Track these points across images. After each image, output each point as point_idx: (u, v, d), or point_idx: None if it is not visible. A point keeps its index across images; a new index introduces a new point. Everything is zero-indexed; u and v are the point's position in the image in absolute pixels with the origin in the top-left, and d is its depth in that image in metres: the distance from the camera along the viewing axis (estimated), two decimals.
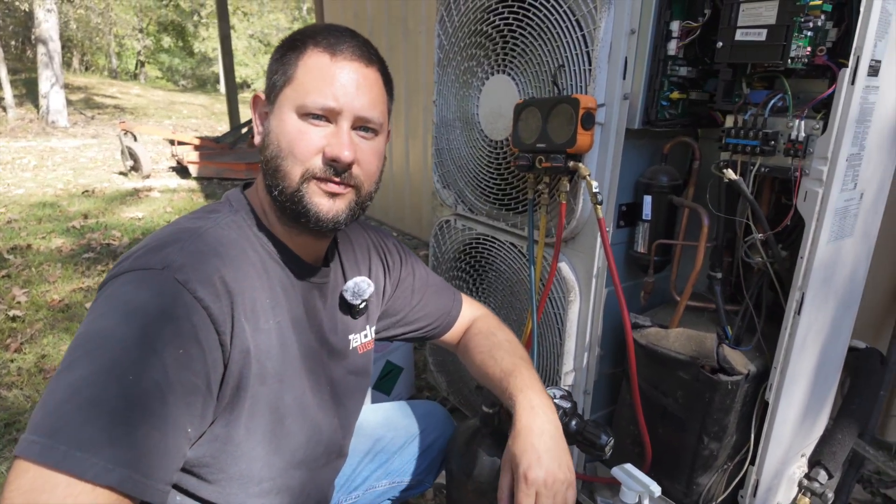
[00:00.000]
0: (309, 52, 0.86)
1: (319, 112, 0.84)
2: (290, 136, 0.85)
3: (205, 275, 0.77)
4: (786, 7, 0.99)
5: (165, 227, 0.86)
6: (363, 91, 0.87)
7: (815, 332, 1.19)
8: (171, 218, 4.93)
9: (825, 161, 1.04)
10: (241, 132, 7.93)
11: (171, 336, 0.72)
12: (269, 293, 0.88)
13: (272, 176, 0.87)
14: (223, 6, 8.69)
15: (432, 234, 1.85)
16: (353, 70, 0.86)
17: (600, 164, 1.32)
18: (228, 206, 0.93)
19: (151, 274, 0.75)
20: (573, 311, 1.42)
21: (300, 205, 0.86)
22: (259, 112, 0.93)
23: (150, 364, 0.70)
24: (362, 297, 1.04)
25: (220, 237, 0.84)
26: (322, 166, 0.86)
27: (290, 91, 0.86)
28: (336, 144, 0.85)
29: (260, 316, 0.85)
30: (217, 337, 0.77)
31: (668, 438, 1.30)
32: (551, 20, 1.32)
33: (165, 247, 0.79)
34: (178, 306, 0.74)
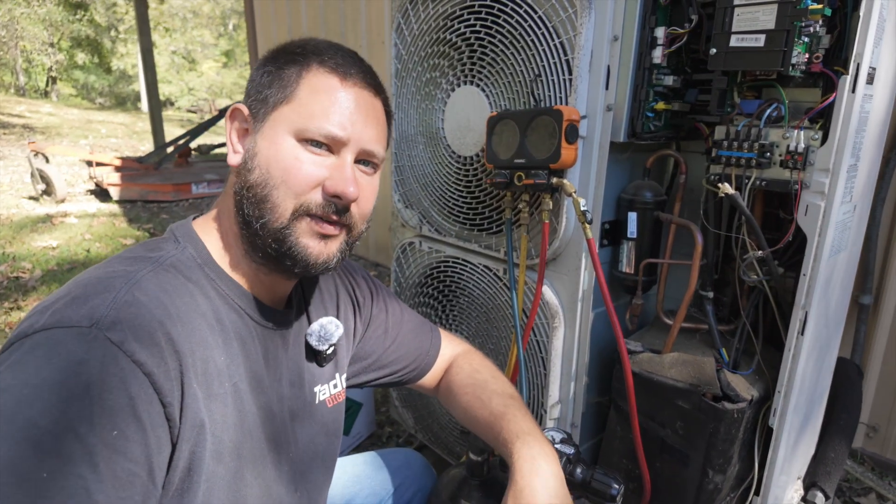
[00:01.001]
0: (314, 70, 0.75)
1: (323, 140, 0.74)
2: (284, 162, 0.73)
3: (145, 332, 0.62)
4: (785, 11, 0.93)
5: (92, 270, 0.69)
6: (371, 122, 0.79)
7: (814, 350, 1.14)
8: (90, 246, 4.51)
9: (827, 173, 0.99)
10: (166, 151, 7.47)
11: (100, 414, 0.56)
12: (224, 349, 0.73)
13: (255, 206, 0.73)
14: (143, 20, 8.23)
15: (394, 257, 1.71)
16: (364, 98, 0.78)
17: (583, 180, 1.22)
18: (173, 242, 0.77)
19: (75, 333, 0.58)
20: (558, 339, 1.31)
21: (286, 244, 0.74)
22: (237, 128, 0.79)
23: (71, 455, 0.53)
24: (330, 342, 0.89)
25: (162, 283, 0.68)
26: (320, 201, 0.74)
27: (288, 111, 0.74)
28: (340, 179, 0.75)
29: (214, 379, 0.70)
30: (162, 410, 0.62)
31: (668, 472, 1.21)
32: (524, 27, 1.22)
33: (93, 296, 0.62)
34: (111, 374, 0.58)
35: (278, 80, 0.76)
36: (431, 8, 1.42)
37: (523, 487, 0.82)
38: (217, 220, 0.81)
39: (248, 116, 0.78)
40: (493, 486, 1.13)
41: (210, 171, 6.91)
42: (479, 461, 1.11)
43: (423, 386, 1.10)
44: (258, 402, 0.78)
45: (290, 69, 0.76)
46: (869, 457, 2.01)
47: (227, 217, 0.79)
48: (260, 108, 0.76)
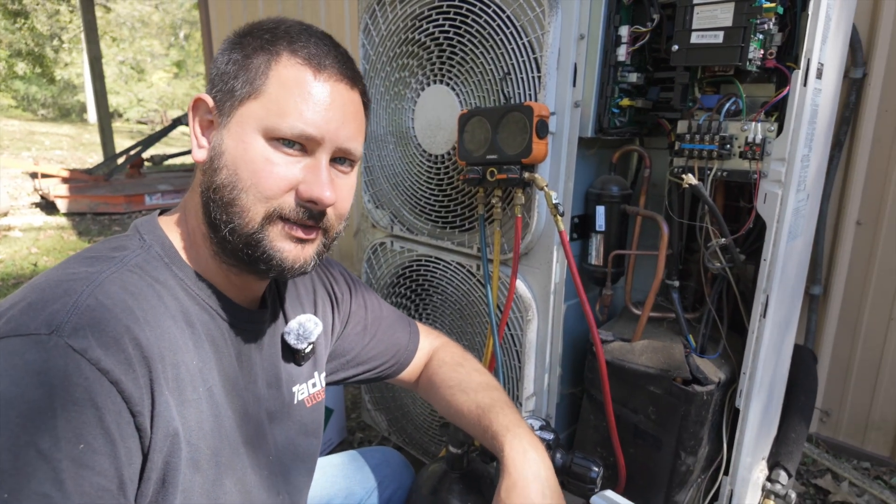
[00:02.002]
0: (284, 60, 0.70)
1: (295, 139, 0.69)
2: (254, 164, 0.68)
3: (111, 337, 0.58)
4: (741, 9, 0.99)
5: (50, 273, 0.65)
6: (349, 119, 0.73)
7: (775, 333, 1.20)
8: (38, 260, 4.32)
9: (783, 162, 1.04)
10: (116, 162, 7.23)
11: (64, 428, 0.53)
12: (196, 352, 0.70)
13: (223, 209, 0.69)
14: (91, 27, 7.96)
15: (364, 258, 1.71)
16: (340, 93, 0.72)
17: (553, 175, 1.26)
18: (137, 240, 0.73)
19: (33, 342, 0.55)
20: (532, 331, 1.33)
21: (259, 249, 0.70)
22: (201, 119, 0.74)
23: (34, 473, 0.51)
24: (308, 340, 0.87)
25: (127, 284, 0.64)
26: (294, 206, 0.70)
27: (256, 106, 0.69)
28: (315, 182, 0.70)
29: (187, 384, 0.67)
30: (132, 420, 0.58)
31: (642, 457, 1.24)
32: (493, 27, 1.25)
33: (51, 301, 0.58)
34: (75, 385, 0.54)
35: (245, 70, 0.70)
36: (399, 8, 1.44)
37: (517, 480, 0.83)
38: (184, 217, 0.77)
39: (212, 108, 0.72)
40: (474, 478, 1.14)
41: (164, 182, 6.72)
42: (459, 454, 1.12)
43: (403, 380, 1.10)
44: (233, 405, 0.76)
45: (258, 58, 0.70)
46: (823, 440, 2.11)
47: (193, 215, 0.75)
48: (226, 100, 0.71)
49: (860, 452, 2.04)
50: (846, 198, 1.94)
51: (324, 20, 3.66)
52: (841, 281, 2.00)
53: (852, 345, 2.01)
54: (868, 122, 1.86)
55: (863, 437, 2.05)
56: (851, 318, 2.00)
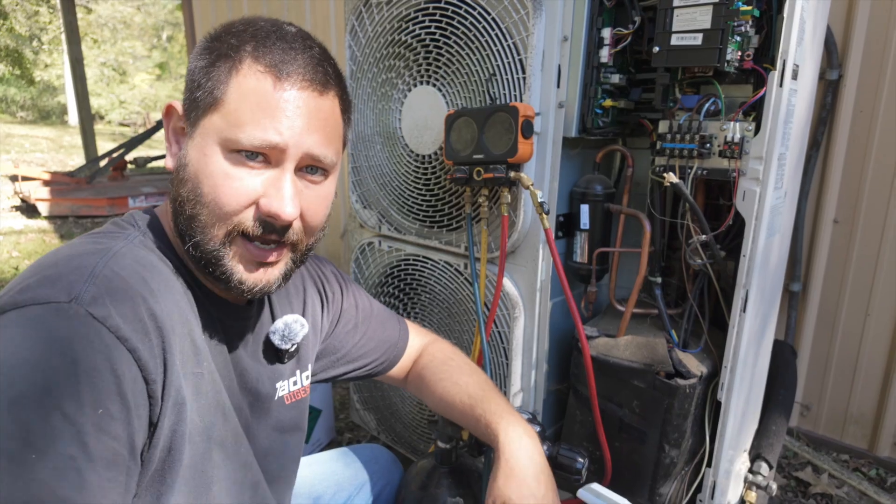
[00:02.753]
0: (245, 68, 0.67)
1: (255, 150, 0.66)
2: (213, 179, 0.66)
3: (128, 306, 0.59)
4: (719, 12, 1.02)
5: (58, 251, 0.65)
6: (315, 125, 0.69)
7: (755, 327, 1.23)
8: (18, 263, 4.26)
9: (760, 161, 1.08)
10: (98, 165, 7.14)
11: (87, 393, 0.54)
12: (200, 330, 0.72)
13: (187, 223, 0.69)
14: (73, 28, 7.87)
15: (352, 258, 1.72)
16: (305, 99, 0.68)
17: (538, 174, 1.28)
18: (134, 227, 0.74)
19: (52, 309, 0.56)
20: (519, 328, 1.35)
21: (219, 268, 0.69)
22: (173, 126, 0.73)
23: (61, 434, 0.52)
24: (293, 341, 0.88)
25: (138, 258, 0.66)
26: (253, 222, 0.68)
27: (216, 118, 0.67)
28: (275, 196, 0.67)
29: (191, 357, 0.68)
30: (145, 388, 0.60)
31: (627, 451, 1.26)
32: (478, 28, 1.27)
33: (67, 273, 0.59)
34: (96, 351, 0.55)
35: (207, 79, 0.68)
36: (386, 10, 1.45)
37: (513, 465, 0.85)
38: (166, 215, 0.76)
39: (181, 115, 0.71)
40: (462, 472, 1.15)
41: (147, 185, 6.65)
42: (447, 449, 1.14)
43: (392, 377, 1.12)
44: (224, 389, 0.77)
45: (220, 66, 0.68)
46: (804, 434, 2.15)
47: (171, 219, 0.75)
48: (192, 109, 0.69)
49: (839, 445, 2.09)
50: (823, 196, 1.99)
51: (309, 21, 3.66)
52: (819, 278, 2.05)
53: (831, 340, 2.06)
54: (844, 122, 1.91)
55: (842, 431, 2.10)
56: (830, 314, 2.05)
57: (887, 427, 1.98)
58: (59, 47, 20.13)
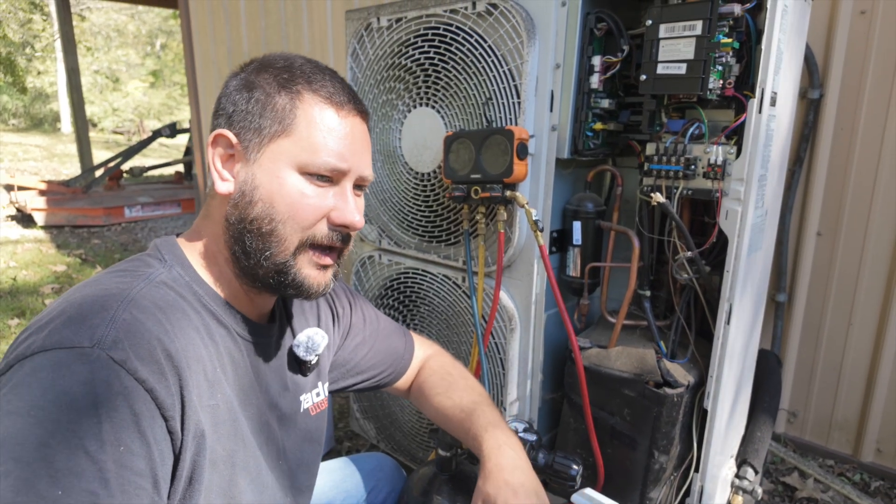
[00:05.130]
0: (308, 100, 0.77)
1: (328, 174, 0.77)
2: (291, 198, 0.76)
3: (145, 350, 0.64)
4: (702, 44, 1.09)
5: (83, 288, 0.71)
6: (366, 149, 0.83)
7: (739, 339, 1.29)
8: (16, 274, 4.28)
9: (742, 182, 1.14)
10: (94, 174, 7.17)
11: (108, 432, 0.59)
12: (217, 362, 0.76)
13: (262, 239, 0.76)
14: (69, 38, 7.91)
15: (353, 271, 1.77)
16: (357, 126, 0.81)
17: (532, 193, 1.34)
18: (159, 261, 0.79)
19: (77, 354, 0.60)
20: (515, 340, 1.41)
21: (289, 276, 0.78)
22: (221, 153, 0.79)
23: (83, 471, 0.57)
24: (316, 352, 0.94)
25: (156, 299, 0.70)
26: (326, 232, 0.79)
27: (288, 144, 0.76)
28: (346, 210, 0.79)
29: (206, 390, 0.73)
30: (164, 424, 0.65)
31: (619, 457, 1.32)
32: (476, 55, 1.34)
33: (90, 316, 0.64)
34: (116, 393, 0.60)
35: (272, 110, 0.76)
36: (386, 35, 1.52)
37: (491, 469, 0.91)
38: (205, 245, 0.82)
39: (236, 144, 0.77)
40: (462, 479, 1.21)
41: (144, 195, 6.68)
42: (447, 456, 1.19)
43: (398, 388, 1.17)
44: (247, 413, 0.82)
45: (281, 98, 0.76)
46: (790, 440, 2.22)
47: (213, 242, 0.81)
48: (253, 137, 0.77)
49: (825, 451, 2.16)
50: (807, 210, 2.07)
51: (307, 40, 3.72)
52: (804, 289, 2.12)
53: (816, 349, 2.13)
54: (825, 139, 1.98)
55: (827, 437, 2.16)
56: (814, 324, 2.12)
57: (870, 433, 2.04)
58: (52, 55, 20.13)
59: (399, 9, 1.48)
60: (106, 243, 5.47)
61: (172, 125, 7.16)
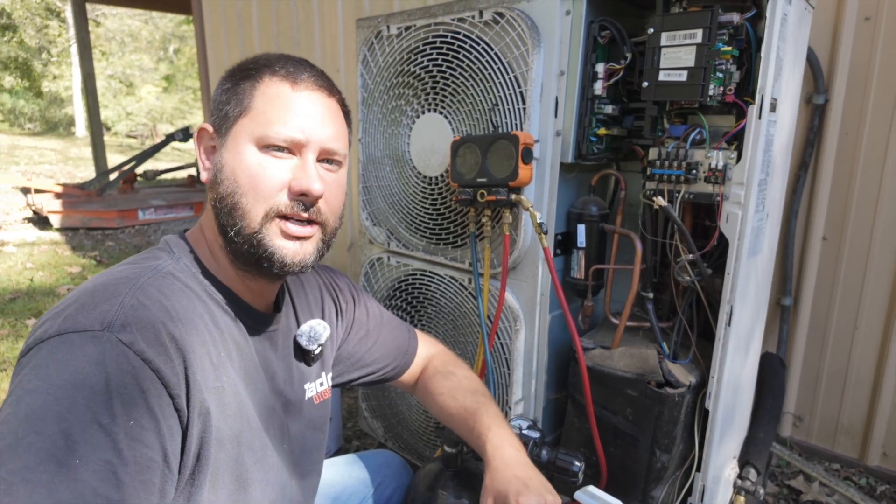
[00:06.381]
0: (266, 80, 0.81)
1: (283, 144, 0.80)
2: (250, 170, 0.79)
3: (152, 333, 0.68)
4: (702, 52, 1.12)
5: (95, 279, 0.75)
6: (328, 121, 0.83)
7: (740, 340, 1.32)
8: (33, 275, 4.36)
9: (742, 186, 1.17)
10: (108, 177, 7.28)
11: (119, 407, 0.63)
12: (222, 347, 0.80)
13: (228, 215, 0.80)
14: (85, 43, 8.04)
15: (362, 272, 1.81)
16: (317, 99, 0.83)
17: (537, 197, 1.37)
18: (168, 253, 0.84)
19: (88, 336, 0.65)
20: (519, 340, 1.44)
21: (261, 247, 0.80)
22: (205, 146, 0.86)
23: (98, 443, 0.61)
24: (318, 342, 0.98)
25: (162, 288, 0.75)
26: (288, 202, 0.80)
27: (247, 122, 0.80)
28: (304, 177, 0.80)
29: (211, 373, 0.77)
30: (171, 402, 0.69)
31: (621, 456, 1.35)
32: (482, 62, 1.37)
33: (101, 303, 0.69)
34: (124, 372, 0.65)
35: (235, 95, 0.81)
36: (396, 43, 1.56)
37: (497, 466, 0.94)
38: (202, 233, 0.87)
39: (213, 134, 0.84)
40: (467, 475, 1.24)
41: (157, 198, 6.78)
42: (453, 453, 1.22)
43: (403, 383, 1.21)
44: (254, 397, 0.85)
45: (245, 83, 0.81)
46: (796, 443, 2.23)
47: (209, 230, 0.85)
48: (222, 124, 0.82)
49: (831, 455, 2.16)
50: (812, 215, 2.08)
51: (318, 47, 3.78)
52: (809, 293, 2.13)
53: (821, 353, 2.14)
54: (830, 144, 2.00)
55: (833, 440, 2.17)
56: (820, 328, 2.13)
57: (876, 437, 2.05)
58: (67, 59, 20.42)
59: (408, 17, 1.52)
60: (120, 245, 5.56)
61: (185, 129, 7.26)
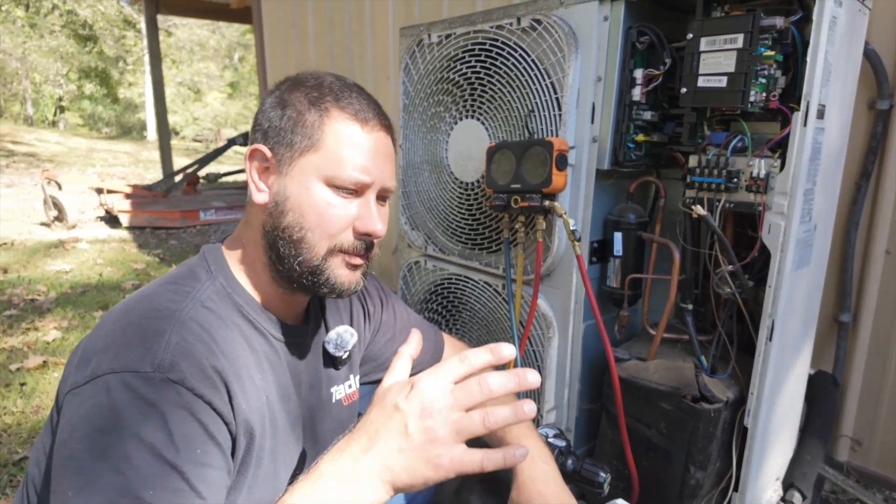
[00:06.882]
0: (334, 116, 0.83)
1: (352, 187, 0.83)
2: (318, 208, 0.82)
3: (198, 368, 0.73)
4: (743, 57, 1.08)
5: (138, 303, 0.79)
6: (389, 162, 0.88)
7: (784, 356, 1.26)
8: (102, 270, 4.65)
9: (785, 196, 1.12)
10: (174, 179, 7.67)
11: (181, 440, 0.68)
12: (256, 369, 0.84)
13: (293, 245, 0.83)
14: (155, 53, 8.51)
15: (400, 275, 1.84)
16: (381, 141, 0.86)
17: (573, 203, 1.36)
18: (206, 271, 0.86)
19: (143, 378, 0.69)
20: (552, 348, 1.43)
21: (321, 277, 0.84)
22: (258, 166, 0.86)
23: (168, 475, 0.66)
24: (345, 349, 1.01)
25: (202, 322, 0.78)
26: (352, 241, 0.85)
27: (317, 159, 0.82)
28: (369, 219, 0.85)
29: (252, 396, 0.81)
30: (225, 427, 0.74)
31: (654, 470, 1.31)
32: (519, 69, 1.38)
33: (147, 341, 0.72)
34: (181, 408, 0.69)
35: (301, 126, 0.82)
36: (436, 51, 1.58)
37: (525, 480, 0.95)
38: (243, 250, 0.89)
39: (270, 157, 0.84)
40: (494, 481, 1.24)
41: (217, 199, 7.09)
42: None
43: None
44: (286, 408, 0.90)
45: (311, 115, 0.82)
46: (854, 469, 2.10)
47: (252, 248, 0.88)
48: (284, 151, 0.83)
49: (892, 482, 2.02)
50: (874, 227, 1.96)
51: (370, 54, 3.86)
52: (870, 309, 2.01)
53: (883, 373, 2.01)
54: (895, 152, 1.88)
55: (894, 467, 2.03)
56: (882, 347, 2.00)
57: None
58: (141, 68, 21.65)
59: (449, 26, 1.55)
60: (181, 244, 5.84)
61: (245, 134, 7.55)
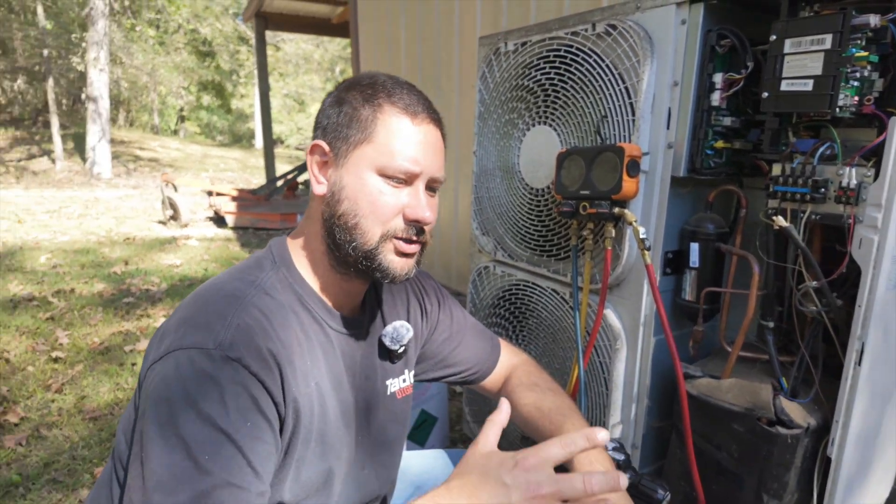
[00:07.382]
0: (387, 110, 0.88)
1: (402, 176, 0.88)
2: (371, 196, 0.87)
3: (255, 349, 0.79)
4: (831, 58, 1.01)
5: (208, 290, 0.87)
6: (437, 154, 0.92)
7: (877, 383, 1.15)
8: (207, 266, 5.05)
9: (879, 208, 1.03)
10: (275, 185, 8.19)
11: (235, 412, 0.74)
12: (309, 356, 0.89)
13: (348, 232, 0.88)
14: (263, 66, 9.15)
15: (470, 279, 1.86)
16: (430, 133, 0.91)
17: (645, 211, 1.32)
18: (271, 262, 0.93)
19: (205, 353, 0.76)
20: (620, 361, 1.39)
21: (375, 262, 0.89)
22: (318, 161, 0.93)
23: (223, 443, 0.73)
24: (401, 343, 1.05)
25: (262, 307, 0.84)
26: (403, 226, 0.89)
27: (370, 150, 0.87)
28: (418, 206, 0.89)
29: (302, 380, 0.86)
30: (274, 406, 0.80)
31: (724, 496, 1.24)
32: (593, 74, 1.36)
33: (212, 323, 0.79)
34: (237, 383, 0.76)
35: (356, 121, 0.88)
36: (512, 58, 1.60)
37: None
38: (305, 241, 0.95)
39: (328, 151, 0.90)
40: None
41: None
42: None
43: (486, 388, 1.24)
44: (338, 396, 0.94)
45: (365, 110, 0.88)
46: None
47: (314, 238, 0.94)
48: (341, 145, 0.89)
49: None
50: None
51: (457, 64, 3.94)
52: None
53: None
54: None
55: None
56: None
57: None
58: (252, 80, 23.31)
59: (525, 33, 1.56)
60: None
61: None
